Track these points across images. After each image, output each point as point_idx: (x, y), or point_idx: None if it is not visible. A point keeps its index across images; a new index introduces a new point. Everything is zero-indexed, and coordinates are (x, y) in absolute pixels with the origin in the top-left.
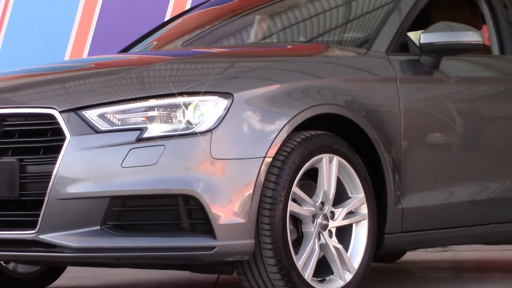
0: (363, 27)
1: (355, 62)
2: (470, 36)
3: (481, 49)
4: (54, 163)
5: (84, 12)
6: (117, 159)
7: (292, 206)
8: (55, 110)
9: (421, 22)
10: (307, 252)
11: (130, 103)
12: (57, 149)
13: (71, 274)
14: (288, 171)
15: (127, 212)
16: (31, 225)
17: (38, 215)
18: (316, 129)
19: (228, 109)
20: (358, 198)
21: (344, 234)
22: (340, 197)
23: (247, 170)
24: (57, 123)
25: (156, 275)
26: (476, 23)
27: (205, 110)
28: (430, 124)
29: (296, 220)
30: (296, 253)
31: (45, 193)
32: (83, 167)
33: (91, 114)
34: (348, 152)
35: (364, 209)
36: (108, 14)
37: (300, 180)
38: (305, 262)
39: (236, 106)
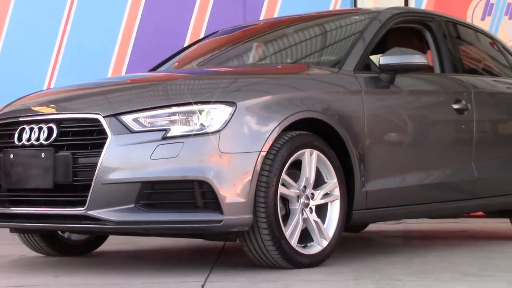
0: (335, 51)
1: (329, 79)
2: (418, 59)
3: (426, 69)
4: (99, 156)
5: (122, 41)
6: (147, 153)
7: (281, 189)
8: (100, 116)
9: (380, 48)
10: (293, 224)
11: (157, 109)
12: (101, 145)
13: (112, 241)
14: (278, 162)
15: (155, 193)
16: (81, 203)
17: (86, 196)
18: (300, 129)
19: (232, 114)
20: (332, 183)
21: (321, 210)
22: (319, 182)
23: (247, 161)
24: (101, 125)
25: (176, 242)
26: (422, 48)
27: (215, 115)
28: (387, 126)
29: (285, 200)
30: (284, 225)
31: (92, 179)
32: (121, 159)
33: (127, 118)
34: (324, 148)
35: (337, 191)
36: (141, 42)
37: (287, 169)
38: (291, 232)
39: (239, 112)
